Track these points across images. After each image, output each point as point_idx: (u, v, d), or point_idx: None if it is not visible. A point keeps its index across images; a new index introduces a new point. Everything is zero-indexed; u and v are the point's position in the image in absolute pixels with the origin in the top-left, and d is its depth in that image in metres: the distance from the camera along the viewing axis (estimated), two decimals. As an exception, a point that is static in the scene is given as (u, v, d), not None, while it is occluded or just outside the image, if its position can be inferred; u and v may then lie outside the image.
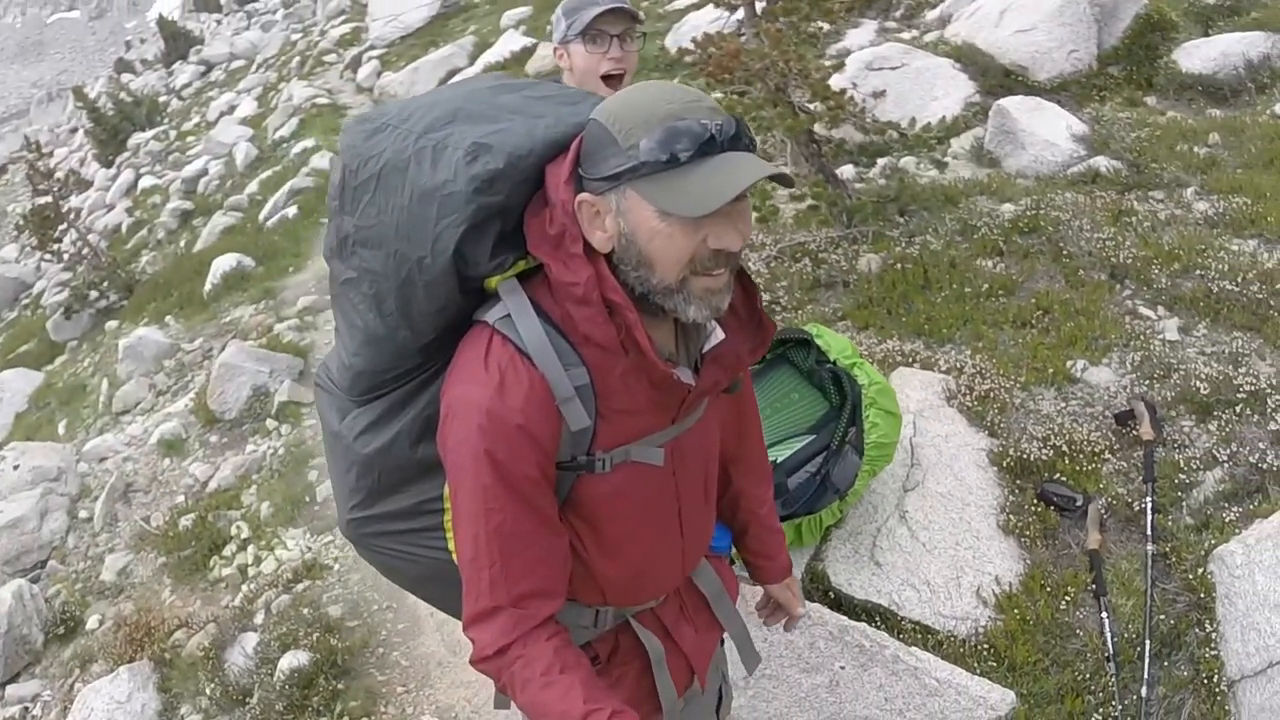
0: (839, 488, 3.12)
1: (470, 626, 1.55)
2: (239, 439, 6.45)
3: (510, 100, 1.58)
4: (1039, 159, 6.20)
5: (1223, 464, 3.31)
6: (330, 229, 1.65)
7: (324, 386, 1.83)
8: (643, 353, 1.46)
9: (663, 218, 1.38)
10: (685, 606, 1.91)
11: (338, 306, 1.69)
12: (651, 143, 1.36)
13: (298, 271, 9.16)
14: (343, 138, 1.62)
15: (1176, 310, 4.26)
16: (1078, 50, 7.17)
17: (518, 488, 1.49)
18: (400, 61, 14.91)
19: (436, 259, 1.47)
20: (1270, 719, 2.56)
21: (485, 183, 1.44)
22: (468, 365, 1.50)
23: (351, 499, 1.78)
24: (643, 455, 1.60)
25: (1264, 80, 6.27)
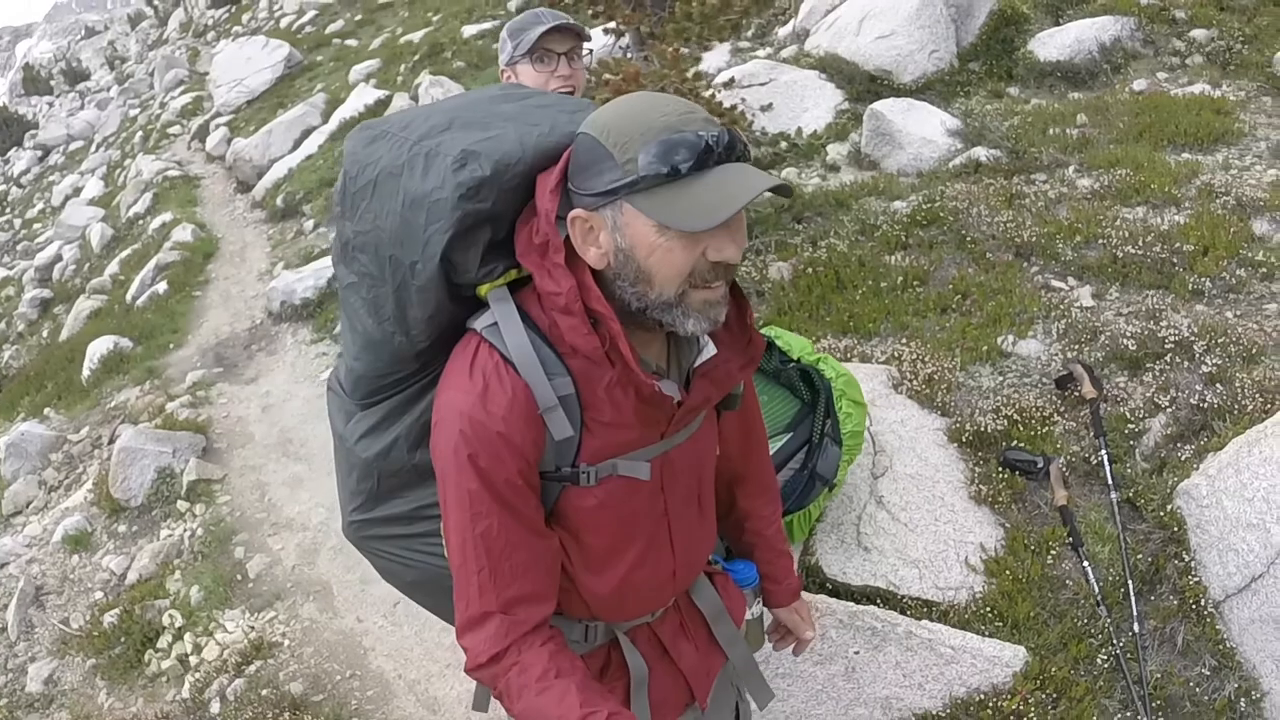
0: (826, 478, 3.19)
1: (463, 634, 1.55)
2: (150, 525, 6.11)
3: (509, 109, 1.60)
4: (918, 156, 6.44)
5: (1165, 409, 3.54)
6: (337, 235, 1.68)
7: (334, 389, 1.85)
8: (626, 364, 1.46)
9: (662, 232, 1.36)
10: (685, 624, 1.89)
11: (343, 310, 1.71)
12: (649, 156, 1.34)
13: (179, 347, 8.79)
14: (347, 145, 1.65)
15: (1086, 279, 4.52)
16: (938, 50, 7.46)
17: (501, 493, 1.49)
18: (250, 126, 14.58)
19: (426, 265, 1.48)
20: (1261, 629, 2.74)
21: (471, 190, 1.44)
22: (455, 372, 1.51)
23: (353, 501, 1.82)
24: (629, 470, 1.59)
25: (1118, 61, 6.73)
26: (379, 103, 12.40)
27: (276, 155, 12.56)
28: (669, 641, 1.86)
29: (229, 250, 10.60)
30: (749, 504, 2.00)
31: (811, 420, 3.32)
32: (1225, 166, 5.11)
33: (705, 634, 1.92)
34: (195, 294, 9.52)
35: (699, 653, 1.90)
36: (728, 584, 1.98)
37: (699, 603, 1.91)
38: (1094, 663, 2.88)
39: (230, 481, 6.04)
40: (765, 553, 2.04)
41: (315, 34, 19.06)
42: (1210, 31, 6.65)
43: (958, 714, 2.80)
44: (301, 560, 5.13)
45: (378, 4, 19.55)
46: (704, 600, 1.91)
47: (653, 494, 1.65)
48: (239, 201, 12.33)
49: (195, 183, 14.08)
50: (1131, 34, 6.90)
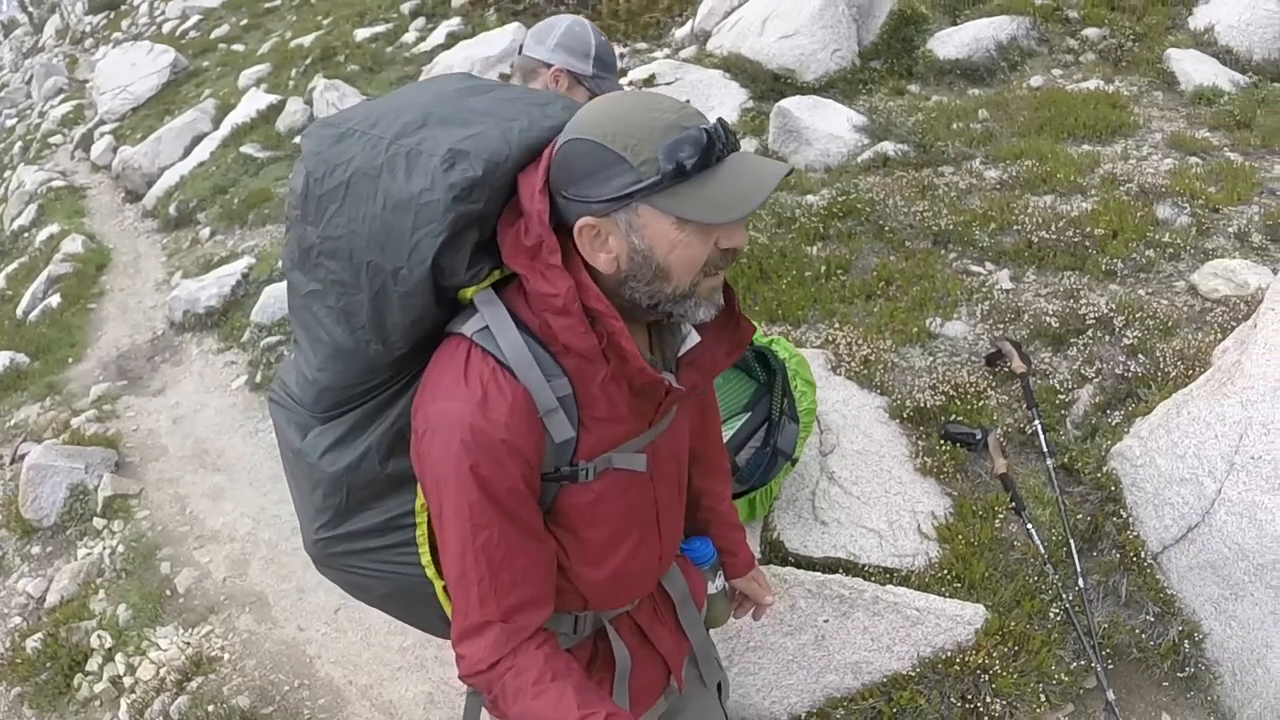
0: (788, 453, 3.29)
1: (460, 642, 1.54)
2: (66, 545, 5.83)
3: (480, 103, 1.54)
4: (826, 152, 6.56)
5: (1091, 380, 3.75)
6: (290, 240, 1.60)
7: (280, 402, 1.76)
8: (627, 359, 1.46)
9: (681, 227, 1.38)
10: (658, 609, 1.94)
11: (298, 319, 1.63)
12: (666, 156, 1.34)
13: (78, 361, 8.42)
14: (306, 144, 1.57)
15: (1003, 263, 4.74)
16: (840, 49, 7.62)
17: (503, 502, 1.47)
18: (136, 134, 14.00)
19: (413, 270, 1.42)
20: (1199, 575, 2.95)
21: (465, 190, 1.40)
22: (446, 380, 1.47)
23: (318, 519, 1.73)
24: (626, 463, 1.61)
25: (1015, 59, 7.04)
26: (271, 108, 12.09)
27: (167, 163, 12.11)
28: (647, 627, 1.90)
29: (122, 261, 10.19)
30: (704, 483, 2.05)
31: (769, 399, 3.42)
32: (1125, 156, 5.42)
33: (674, 618, 1.97)
34: (90, 306, 9.12)
35: (672, 636, 1.96)
36: (686, 566, 2.03)
37: (669, 587, 1.95)
38: (1047, 617, 3.04)
39: (148, 495, 5.83)
40: (720, 528, 2.11)
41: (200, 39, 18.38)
42: (1102, 30, 7.03)
43: (926, 672, 2.93)
44: (232, 572, 4.98)
45: (264, 8, 19.00)
46: (673, 585, 1.96)
47: (644, 483, 1.68)
48: (129, 211, 11.85)
49: (81, 193, 13.45)
50: (1027, 33, 7.23)
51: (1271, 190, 4.90)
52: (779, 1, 7.97)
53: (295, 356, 1.70)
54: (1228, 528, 2.86)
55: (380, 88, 11.43)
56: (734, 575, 2.15)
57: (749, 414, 3.44)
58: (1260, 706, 2.82)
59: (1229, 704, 2.90)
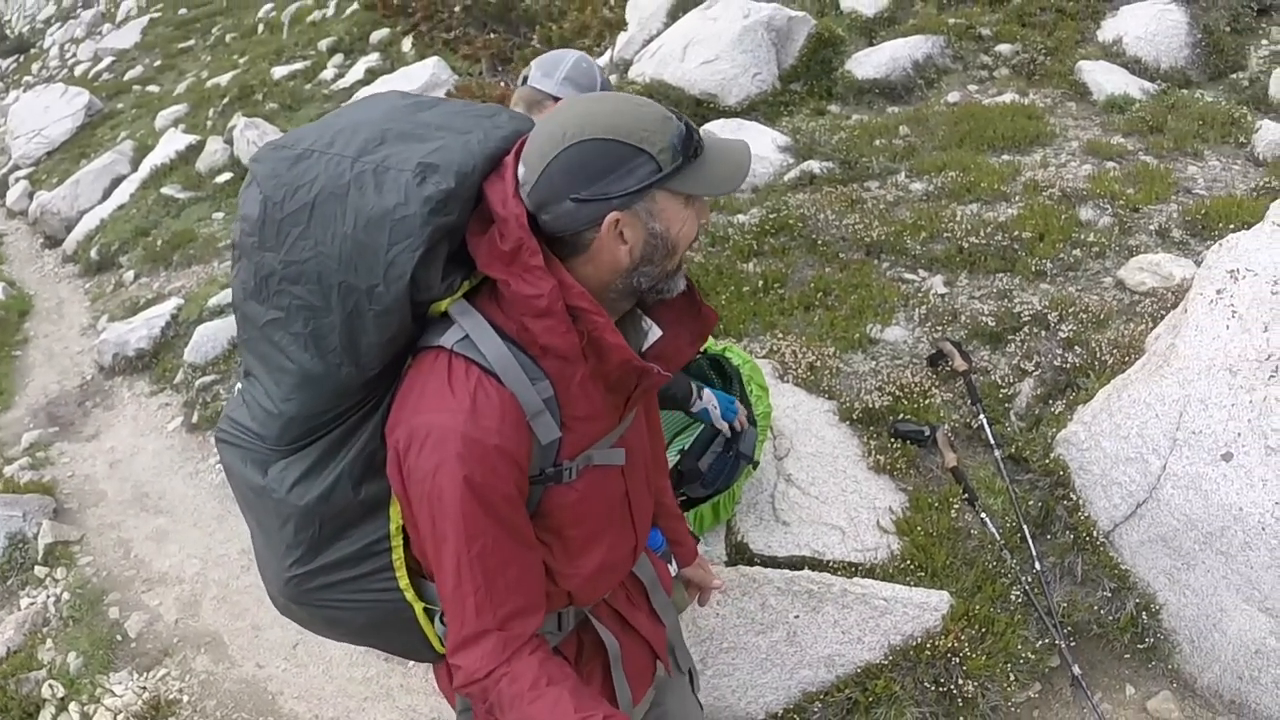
0: (749, 456, 3.35)
1: (456, 653, 1.55)
2: (8, 595, 5.63)
3: (431, 117, 1.56)
4: (753, 172, 6.54)
5: (1031, 374, 3.91)
6: (243, 270, 1.56)
7: (232, 441, 1.71)
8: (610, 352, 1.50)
9: (688, 204, 1.48)
10: (631, 595, 1.98)
11: (254, 352, 1.60)
12: (677, 144, 1.44)
13: (6, 409, 8.15)
14: (260, 168, 1.54)
15: (936, 269, 4.91)
16: (761, 73, 7.77)
17: (497, 511, 1.49)
18: (53, 178, 13.65)
19: (390, 286, 1.42)
20: (1150, 549, 3.09)
21: (440, 203, 1.41)
22: (430, 392, 1.47)
23: (289, 555, 1.68)
24: (605, 458, 1.65)
25: (931, 76, 7.29)
26: (190, 148, 11.92)
27: (86, 206, 11.83)
28: (626, 613, 1.94)
29: (45, 307, 9.90)
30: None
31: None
32: (1044, 164, 5.66)
33: (647, 602, 2.01)
34: (15, 354, 8.84)
35: (649, 620, 2.00)
36: (654, 557, 2.09)
37: (639, 574, 1.99)
38: (1008, 600, 3.15)
39: (89, 541, 5.67)
40: (665, 519, 2.17)
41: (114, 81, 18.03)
42: (1014, 45, 7.33)
43: (898, 660, 3.01)
44: (184, 613, 4.88)
45: (177, 49, 18.73)
46: (643, 571, 2.01)
47: (618, 477, 1.72)
48: (48, 257, 11.54)
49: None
50: (942, 51, 7.49)
51: (1187, 189, 5.17)
52: (699, 28, 8.11)
53: (248, 392, 1.67)
54: (1175, 501, 3.01)
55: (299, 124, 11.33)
56: (684, 563, 2.23)
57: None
58: (1220, 670, 2.96)
59: (1189, 670, 3.05)
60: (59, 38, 24.55)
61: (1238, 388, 3.00)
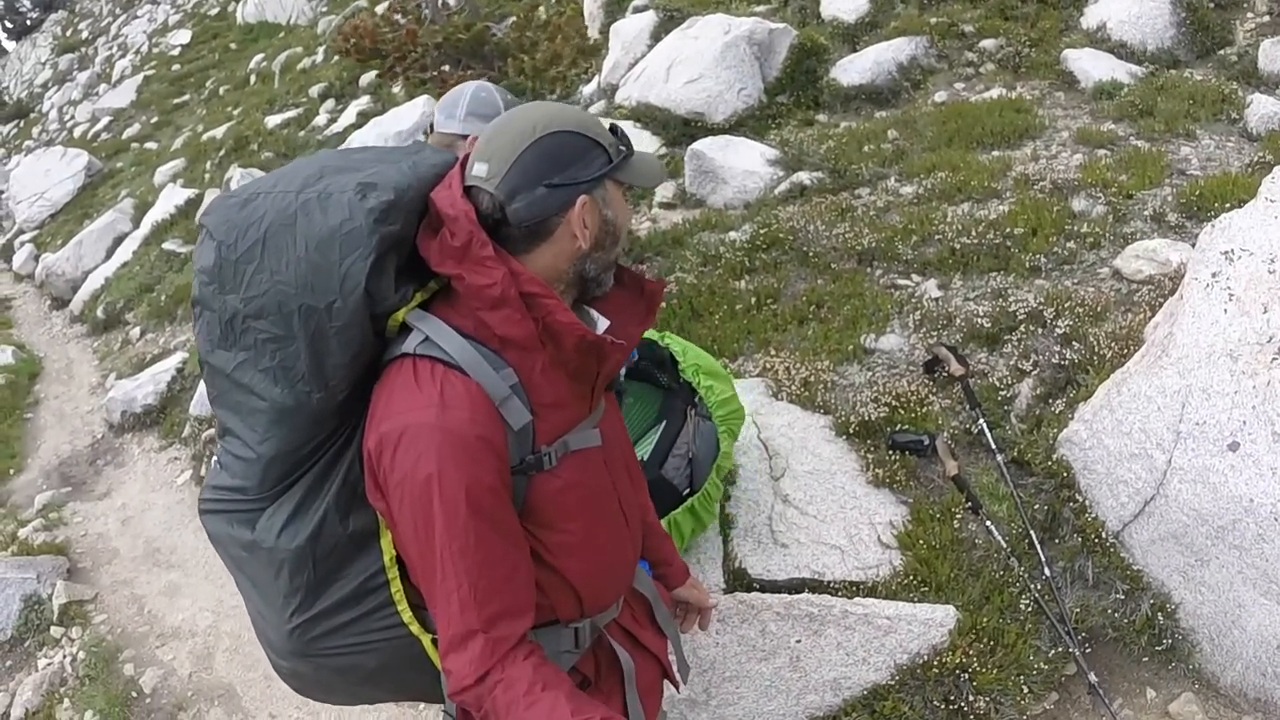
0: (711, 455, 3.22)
1: (446, 655, 1.56)
2: (25, 657, 5.65)
3: (364, 155, 1.67)
4: (743, 188, 6.61)
5: (1030, 374, 3.82)
6: (208, 323, 1.62)
7: (217, 509, 1.74)
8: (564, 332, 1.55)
9: (626, 195, 1.63)
10: (635, 613, 2.00)
11: (225, 405, 1.65)
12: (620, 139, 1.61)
13: (19, 472, 8.20)
14: (211, 218, 1.62)
15: (929, 273, 4.83)
16: (746, 88, 7.73)
17: (481, 504, 1.50)
18: (57, 240, 13.82)
19: (347, 299, 1.50)
20: (1162, 546, 3.00)
21: (383, 213, 1.51)
22: (396, 395, 1.52)
23: (289, 605, 1.69)
24: (581, 441, 1.68)
25: (917, 78, 7.23)
26: (189, 202, 12.00)
27: (90, 266, 11.94)
28: (634, 630, 1.96)
29: (54, 368, 9.98)
30: None
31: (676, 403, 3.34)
32: (1034, 157, 5.58)
33: (649, 618, 2.04)
34: (26, 416, 8.92)
35: (654, 635, 2.03)
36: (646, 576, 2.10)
37: (640, 588, 2.02)
38: (1018, 609, 3.06)
39: (103, 599, 5.69)
40: (651, 539, 2.14)
41: (113, 140, 18.25)
42: (998, 40, 7.25)
43: (905, 680, 2.92)
44: (197, 666, 4.86)
45: (172, 104, 18.93)
46: (643, 585, 2.04)
47: (601, 468, 1.74)
48: (56, 318, 11.65)
49: (6, 304, 13.21)
50: (925, 51, 7.43)
51: (1181, 171, 5.07)
52: (681, 48, 8.08)
53: (224, 454, 1.70)
54: (1183, 496, 2.92)
55: (298, 173, 11.39)
56: (674, 584, 2.21)
57: (664, 422, 3.33)
58: (1242, 668, 2.86)
59: (1211, 669, 2.95)
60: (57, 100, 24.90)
61: (1240, 374, 2.90)
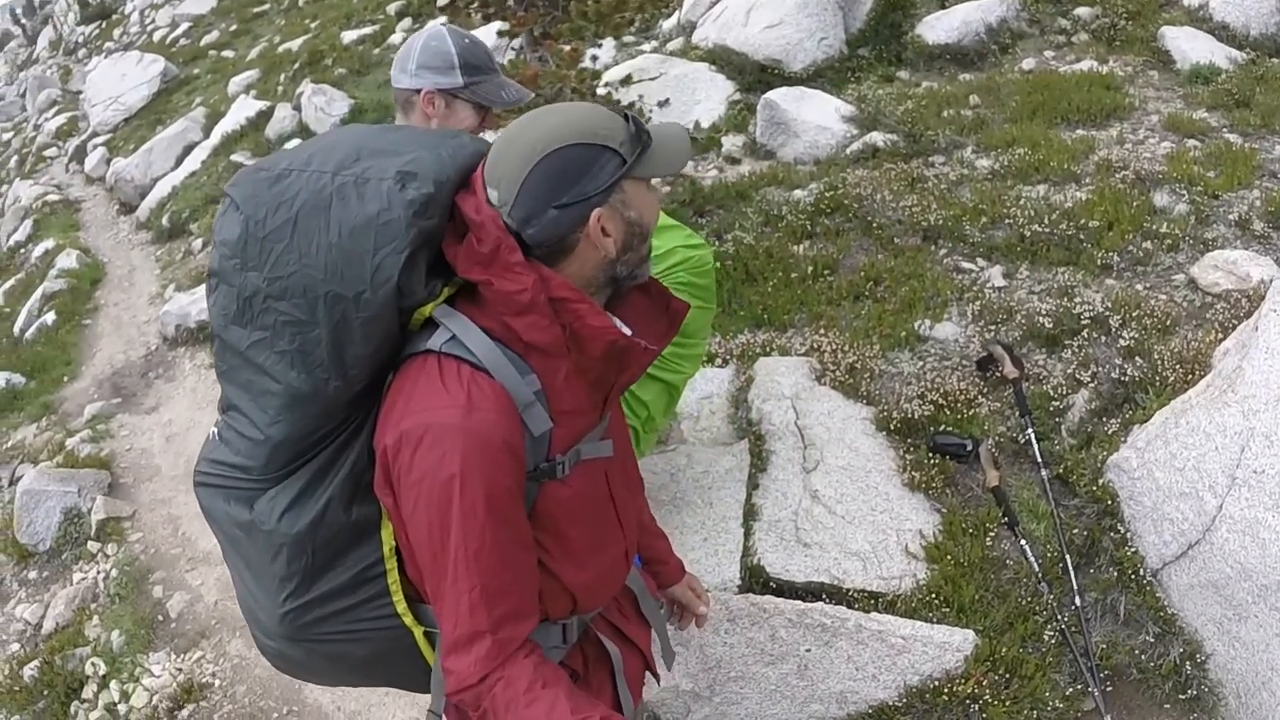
0: None
1: (449, 655, 1.53)
2: (61, 569, 5.81)
3: (400, 137, 1.60)
4: (814, 144, 6.43)
5: (1087, 385, 3.61)
6: (223, 296, 1.57)
7: (212, 483, 1.69)
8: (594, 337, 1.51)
9: (649, 189, 1.55)
10: (621, 605, 1.98)
11: (235, 381, 1.61)
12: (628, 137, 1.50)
13: (73, 380, 8.41)
14: (238, 191, 1.57)
15: (995, 259, 4.60)
16: (827, 38, 7.51)
17: (497, 506, 1.48)
18: (129, 145, 13.95)
19: (378, 291, 1.46)
20: (1200, 594, 2.82)
21: (422, 206, 1.46)
22: (420, 393, 1.49)
23: (284, 589, 1.66)
24: (593, 451, 1.65)
25: (1005, 41, 6.87)
26: (260, 114, 11.99)
27: (159, 174, 12.04)
28: (620, 623, 1.95)
29: (116, 275, 10.14)
30: None
31: None
32: (1120, 141, 5.26)
33: (634, 610, 2.02)
34: (85, 323, 9.08)
35: (639, 627, 2.01)
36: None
37: (629, 583, 1.99)
38: (1041, 639, 2.92)
39: (140, 518, 5.79)
40: (645, 537, 2.13)
41: (190, 47, 18.29)
42: (1094, 8, 6.85)
43: (913, 702, 2.82)
44: (223, 594, 4.93)
45: (252, 14, 18.89)
46: (633, 580, 2.01)
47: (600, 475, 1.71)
48: (123, 224, 11.80)
49: (76, 206, 13.44)
50: (1017, 14, 7.07)
51: (1272, 172, 4.74)
52: (764, -10, 7.82)
53: (228, 428, 1.66)
54: (1229, 546, 2.73)
55: (368, 90, 11.30)
56: (670, 583, 2.19)
57: None
58: (1265, 732, 2.70)
59: (1233, 727, 2.78)
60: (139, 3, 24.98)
61: (1310, 426, 2.69)
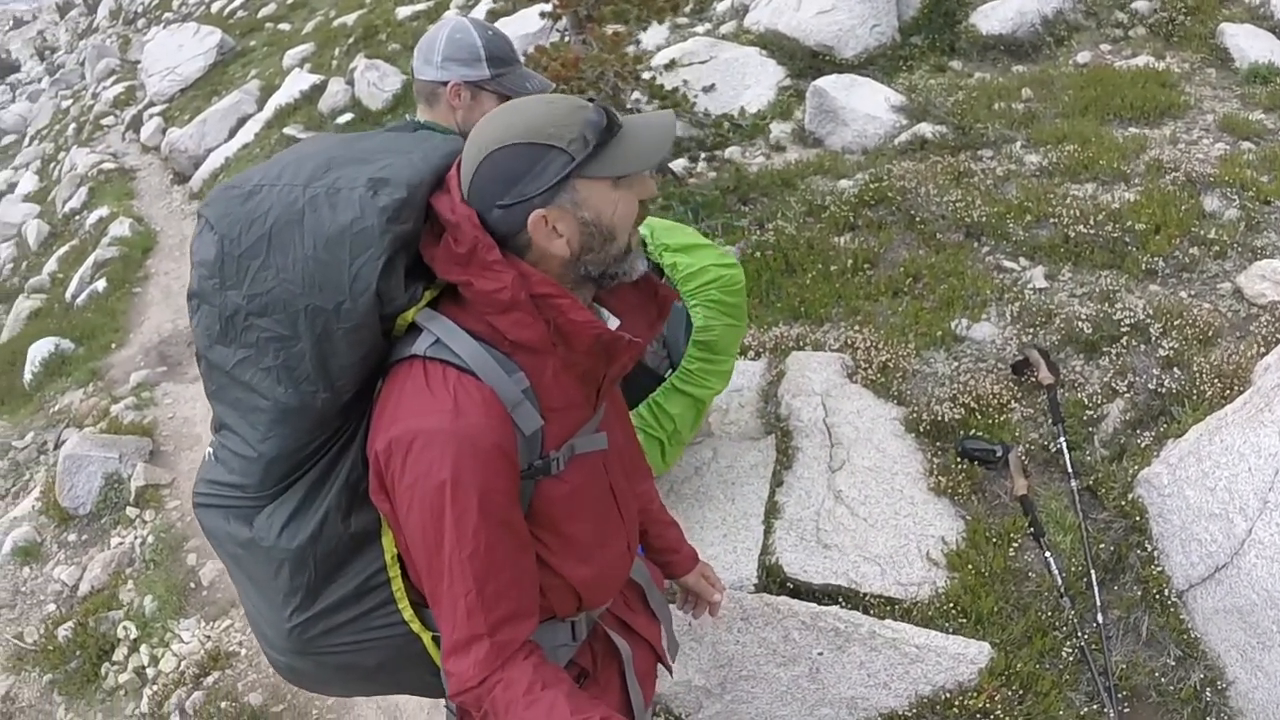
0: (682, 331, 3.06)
1: (449, 658, 1.53)
2: (100, 534, 5.94)
3: (371, 144, 1.60)
4: (863, 133, 6.38)
5: (1123, 395, 3.52)
6: (205, 317, 1.54)
7: (212, 503, 1.69)
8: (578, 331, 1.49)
9: (616, 186, 1.48)
10: (628, 598, 1.98)
11: (224, 401, 1.59)
12: (586, 133, 1.44)
13: (121, 347, 8.58)
14: (212, 210, 1.54)
15: (1038, 259, 4.49)
16: (879, 25, 7.44)
17: (492, 509, 1.47)
18: (184, 115, 14.16)
19: (357, 300, 1.44)
20: (1225, 619, 2.74)
21: (395, 211, 1.45)
22: (407, 399, 1.48)
23: (289, 604, 1.66)
24: (587, 445, 1.64)
25: (1061, 33, 6.71)
26: (314, 88, 12.10)
27: (212, 145, 12.23)
28: (627, 618, 1.95)
29: (168, 244, 10.31)
30: None
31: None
32: (1173, 140, 5.11)
33: (641, 604, 2.02)
34: (135, 290, 9.25)
35: (647, 621, 2.00)
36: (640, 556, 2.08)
37: (635, 576, 1.98)
38: (1059, 655, 2.86)
39: (179, 485, 5.90)
40: (655, 526, 2.12)
41: (247, 19, 18.47)
42: (1152, 3, 6.66)
43: (924, 713, 2.78)
44: (253, 567, 5.01)
45: (309, -15, 19.05)
46: (638, 573, 2.00)
47: (601, 469, 1.71)
48: (176, 193, 12.00)
49: (131, 175, 13.68)
50: (1073, 6, 6.90)
51: (1330, 180, 4.57)
52: (816, -26, 7.72)
53: (221, 448, 1.65)
54: (1257, 572, 2.65)
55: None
56: (682, 572, 2.17)
57: None
58: (1284, 765, 2.62)
59: (1253, 757, 2.71)
60: (198, -28, 25.26)
61: (1350, 450, 2.59)
